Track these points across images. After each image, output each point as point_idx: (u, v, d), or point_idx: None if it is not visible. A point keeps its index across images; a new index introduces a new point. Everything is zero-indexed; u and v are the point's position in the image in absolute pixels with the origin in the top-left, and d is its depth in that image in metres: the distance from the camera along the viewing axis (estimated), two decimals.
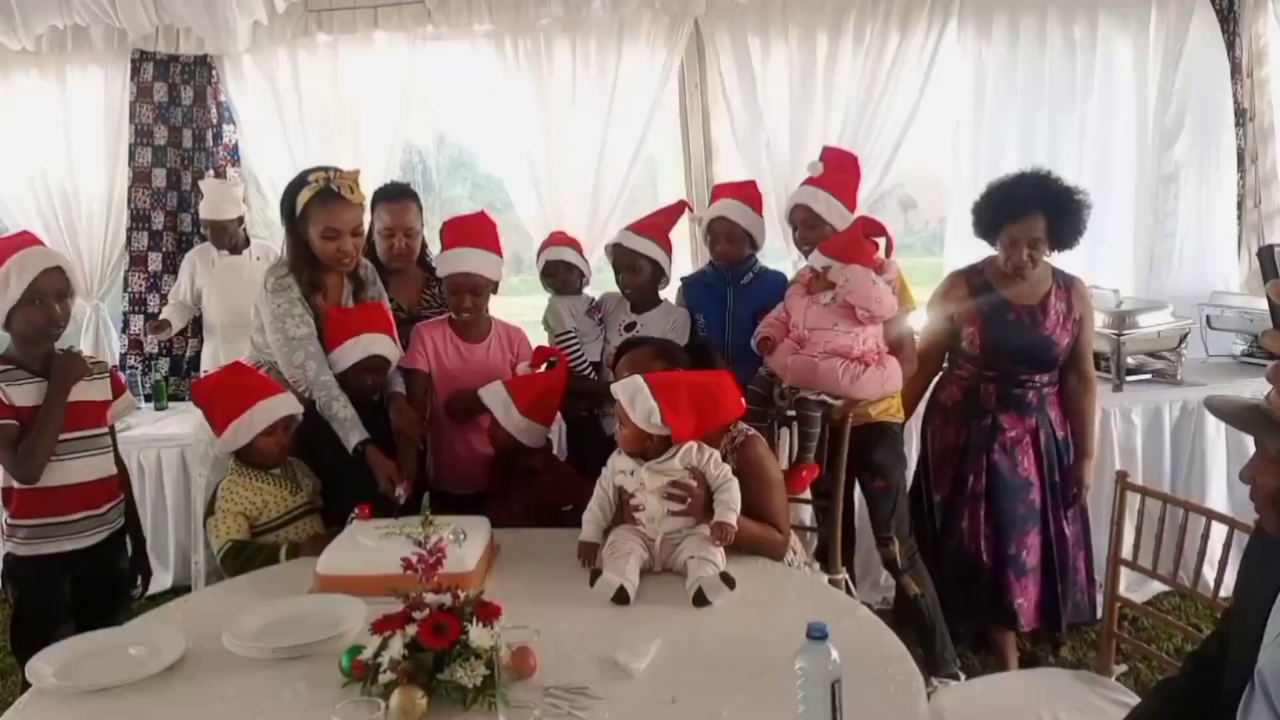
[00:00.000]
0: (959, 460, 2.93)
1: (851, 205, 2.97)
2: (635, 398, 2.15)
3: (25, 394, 2.34)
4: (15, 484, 2.36)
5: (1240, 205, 4.41)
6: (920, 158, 4.66)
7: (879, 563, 3.11)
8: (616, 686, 1.67)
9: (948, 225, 4.54)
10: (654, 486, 2.15)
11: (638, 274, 2.99)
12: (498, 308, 3.01)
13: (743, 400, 2.29)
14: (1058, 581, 2.87)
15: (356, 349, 2.62)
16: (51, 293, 2.35)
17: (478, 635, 1.64)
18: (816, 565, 2.72)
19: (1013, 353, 2.88)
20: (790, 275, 3.15)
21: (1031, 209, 2.77)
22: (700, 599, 1.95)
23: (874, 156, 4.30)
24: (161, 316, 4.46)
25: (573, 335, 3.01)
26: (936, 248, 4.63)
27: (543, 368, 2.83)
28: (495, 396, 2.64)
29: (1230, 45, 4.32)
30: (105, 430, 2.51)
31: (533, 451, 2.72)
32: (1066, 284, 2.92)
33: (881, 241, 2.84)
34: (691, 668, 1.73)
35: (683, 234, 4.08)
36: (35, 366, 2.38)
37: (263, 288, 2.68)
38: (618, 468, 2.23)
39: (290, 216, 2.62)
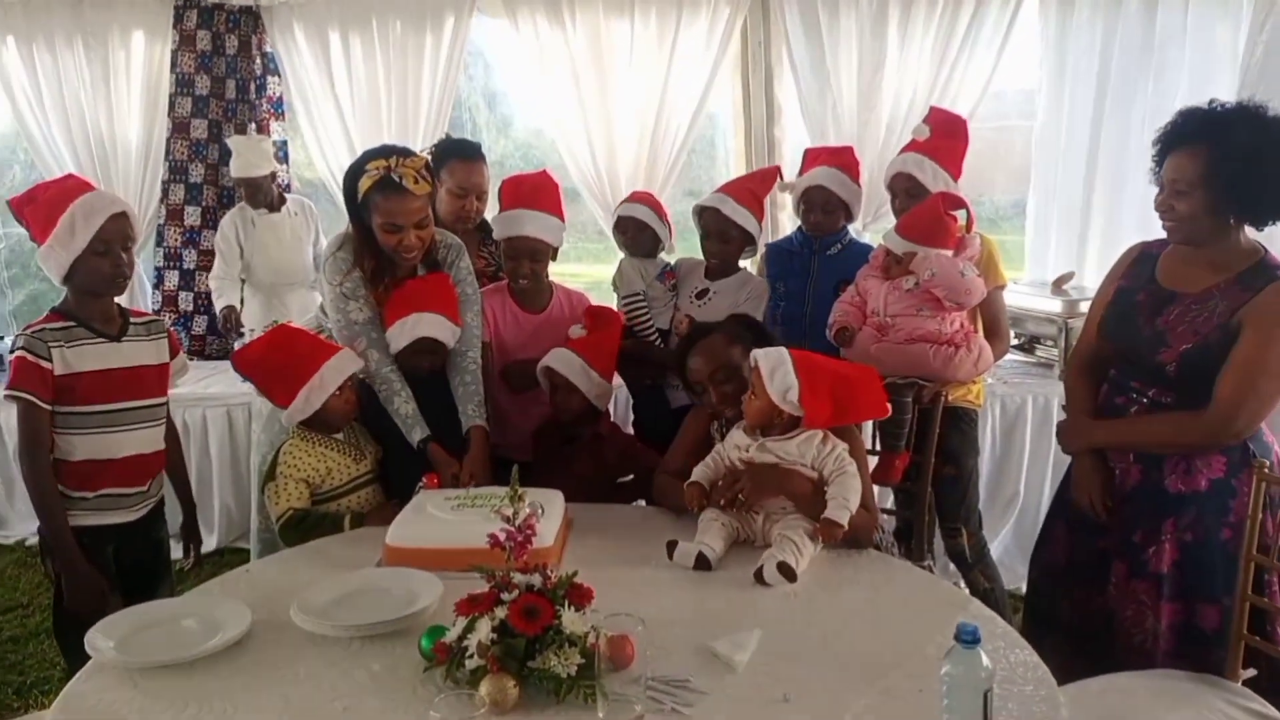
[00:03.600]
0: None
1: (957, 174, 2.77)
2: (776, 370, 2.03)
3: (83, 356, 2.18)
4: (63, 455, 2.22)
5: None
6: (994, 129, 4.45)
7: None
8: (720, 681, 1.53)
9: (1029, 202, 4.32)
10: (762, 461, 2.04)
11: (727, 243, 2.81)
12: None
13: (886, 404, 2.15)
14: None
15: (403, 332, 2.42)
16: (118, 241, 2.17)
17: (571, 621, 1.51)
18: (895, 547, 2.58)
19: (1118, 346, 2.17)
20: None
21: (1186, 142, 1.98)
22: (759, 577, 1.85)
23: None
24: (224, 304, 4.16)
25: (640, 298, 2.83)
26: (1010, 226, 4.42)
27: None
28: (570, 364, 2.50)
29: None
30: (163, 401, 2.35)
31: (596, 417, 2.59)
32: (1259, 281, 1.95)
33: (960, 215, 2.66)
34: (798, 663, 1.59)
35: None
36: (97, 323, 2.22)
37: (323, 266, 2.51)
38: (735, 442, 2.11)
39: (352, 202, 2.41)
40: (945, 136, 2.80)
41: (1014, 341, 3.67)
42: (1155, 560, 2.06)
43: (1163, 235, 2.11)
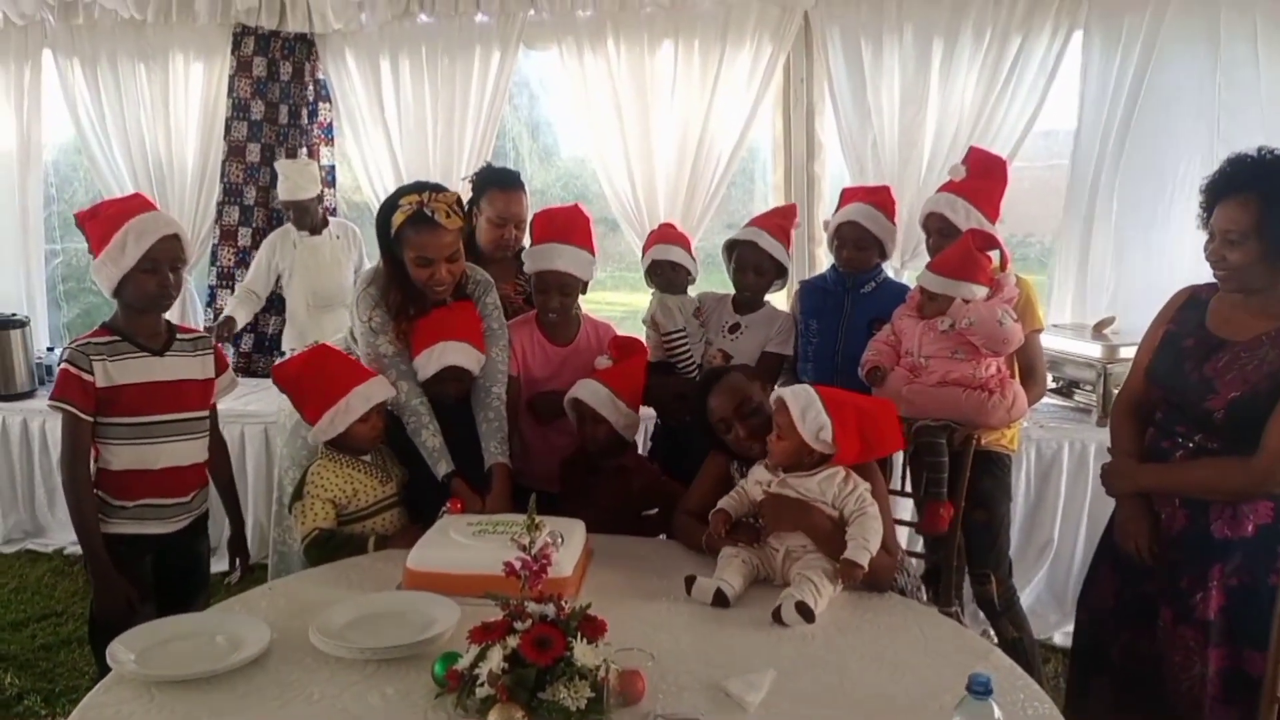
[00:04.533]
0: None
1: (994, 216, 2.73)
2: (807, 410, 2.02)
3: (125, 370, 2.25)
4: (104, 465, 2.28)
5: None
6: (1045, 168, 4.40)
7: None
8: None
9: (1059, 242, 4.26)
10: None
11: (762, 276, 2.83)
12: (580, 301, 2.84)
13: (903, 437, 2.15)
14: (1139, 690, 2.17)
15: (430, 361, 2.46)
16: (167, 261, 2.24)
17: (582, 653, 1.50)
18: (923, 591, 2.54)
19: (1165, 390, 2.17)
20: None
21: (1236, 192, 2.00)
22: (777, 617, 1.84)
23: None
24: (226, 314, 4.31)
25: (684, 334, 2.83)
26: (1039, 267, 4.37)
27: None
28: (598, 395, 2.50)
29: None
30: (205, 414, 2.41)
31: (624, 448, 2.59)
32: None
33: (994, 255, 2.63)
34: (811, 706, 1.57)
35: None
36: (142, 338, 2.29)
37: (353, 301, 2.56)
38: (757, 478, 2.11)
39: (384, 236, 2.46)
40: (981, 177, 2.77)
41: (1052, 385, 3.60)
42: (1202, 607, 2.05)
43: (1210, 279, 2.11)
